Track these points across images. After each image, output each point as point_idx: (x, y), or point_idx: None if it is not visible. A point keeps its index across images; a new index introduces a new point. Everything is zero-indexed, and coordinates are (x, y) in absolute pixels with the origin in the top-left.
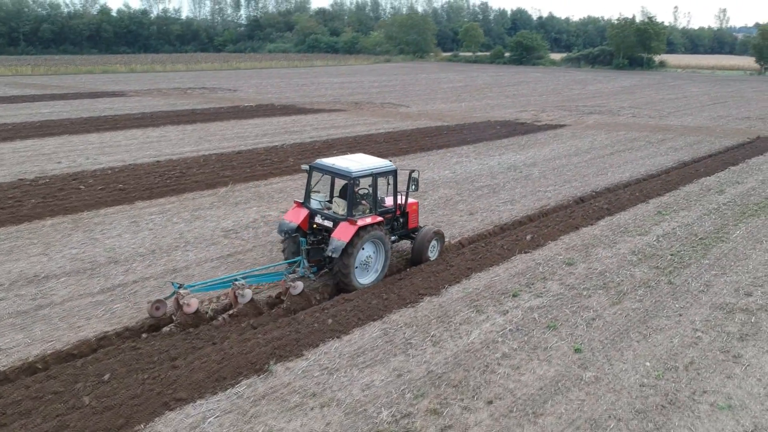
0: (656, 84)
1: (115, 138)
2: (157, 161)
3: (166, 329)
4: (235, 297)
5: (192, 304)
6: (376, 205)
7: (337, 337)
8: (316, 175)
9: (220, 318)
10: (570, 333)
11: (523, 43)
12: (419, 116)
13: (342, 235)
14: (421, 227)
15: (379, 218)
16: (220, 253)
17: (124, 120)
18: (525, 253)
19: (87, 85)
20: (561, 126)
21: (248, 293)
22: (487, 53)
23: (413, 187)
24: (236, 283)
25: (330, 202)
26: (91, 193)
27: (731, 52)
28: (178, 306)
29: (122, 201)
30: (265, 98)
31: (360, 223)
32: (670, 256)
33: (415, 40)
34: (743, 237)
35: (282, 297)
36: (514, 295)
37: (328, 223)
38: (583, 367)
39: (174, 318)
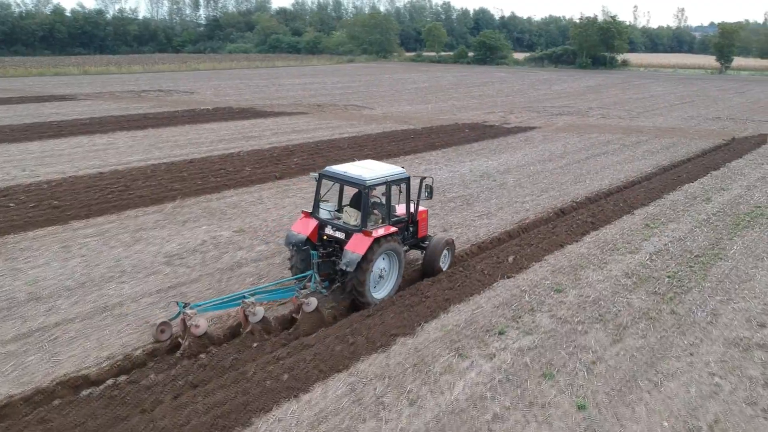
0: (621, 83)
1: (58, 146)
2: (101, 173)
3: (110, 381)
4: (245, 316)
5: (201, 325)
6: (389, 214)
7: (295, 397)
8: (325, 184)
9: (184, 343)
10: (570, 383)
11: (486, 42)
12: (384, 119)
13: (357, 247)
14: (430, 236)
15: (393, 228)
16: (159, 285)
17: (70, 126)
18: (508, 278)
19: (35, 88)
20: (531, 128)
21: (260, 311)
22: (451, 53)
23: (426, 195)
24: (245, 301)
25: (339, 211)
26: (21, 211)
27: (690, 51)
28: (185, 328)
29: (55, 221)
30: (224, 101)
31: (375, 234)
32: (667, 279)
33: (378, 40)
34: (741, 253)
35: (294, 315)
36: (501, 333)
37: (339, 235)
38: (590, 430)
39: (181, 341)
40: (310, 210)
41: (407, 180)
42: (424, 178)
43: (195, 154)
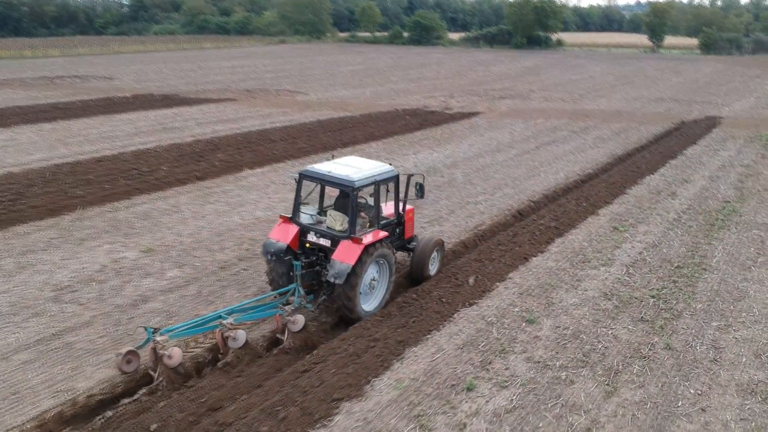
0: (558, 63)
1: None
2: None
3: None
4: (224, 340)
5: (174, 355)
6: (379, 217)
7: None
8: (306, 185)
9: (156, 376)
10: None
11: (421, 23)
12: (319, 105)
13: (346, 256)
14: (416, 236)
15: (383, 233)
16: (41, 332)
17: None
18: (470, 305)
19: None
20: (474, 114)
21: (241, 335)
22: (386, 34)
23: (417, 194)
24: (224, 323)
25: (321, 215)
26: None
27: (620, 30)
28: (156, 358)
29: None
30: (145, 87)
31: (366, 241)
32: (652, 300)
33: (311, 20)
34: (726, 262)
35: (279, 336)
36: (470, 389)
37: (324, 242)
38: None
39: (153, 374)
40: (288, 214)
41: (396, 178)
42: (412, 175)
43: (106, 151)
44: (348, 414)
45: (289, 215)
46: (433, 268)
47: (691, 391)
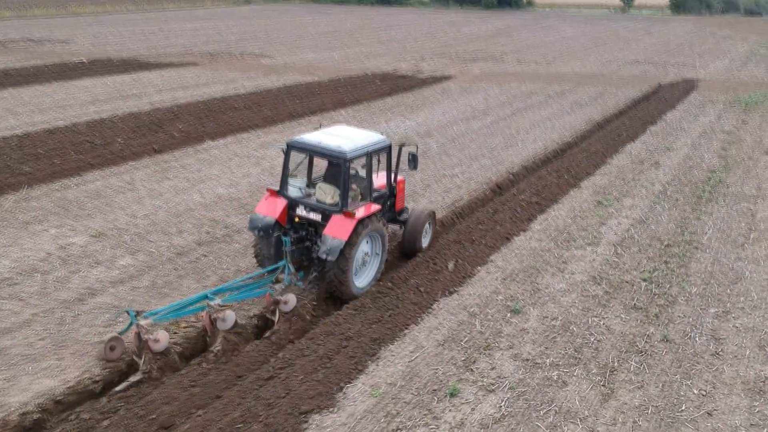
0: (530, 24)
1: None
2: None
3: None
4: (212, 322)
5: (160, 338)
6: (371, 189)
7: None
8: (295, 156)
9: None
10: None
11: None
12: (285, 70)
13: (338, 231)
14: (407, 208)
15: (377, 206)
16: None
17: None
18: (450, 294)
19: None
20: (446, 78)
21: (230, 316)
22: None
23: (411, 165)
24: (211, 303)
25: (309, 187)
26: None
27: None
28: (141, 343)
29: None
30: (103, 51)
31: (359, 215)
32: (644, 284)
33: None
34: (717, 239)
35: (269, 316)
36: (453, 395)
37: (314, 216)
38: None
39: (138, 360)
40: (276, 187)
41: (389, 148)
42: (403, 144)
43: (58, 121)
44: (318, 429)
45: (277, 188)
46: (425, 241)
47: (695, 391)
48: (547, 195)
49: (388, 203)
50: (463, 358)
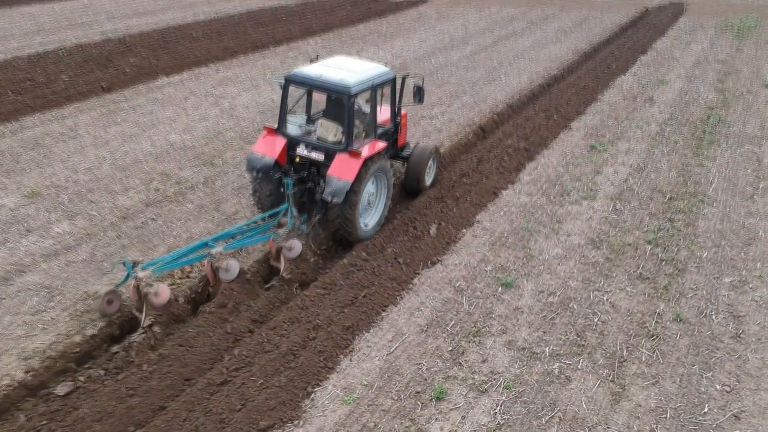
0: None
1: None
2: None
3: None
4: (214, 272)
5: (161, 292)
6: (375, 125)
7: None
8: (294, 92)
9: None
10: None
11: None
12: None
13: (343, 172)
14: (409, 143)
15: (382, 144)
16: None
17: None
18: (432, 264)
19: None
20: (422, 1)
21: (233, 266)
22: None
23: (416, 99)
24: (212, 251)
25: (309, 124)
26: None
27: None
28: (139, 296)
29: None
30: None
31: (364, 154)
32: (649, 247)
33: None
34: (723, 190)
35: (274, 263)
36: (440, 398)
37: (317, 155)
38: None
39: (138, 315)
40: (274, 125)
41: (393, 81)
42: (407, 76)
43: None
44: None
45: (274, 126)
46: (428, 179)
47: (717, 387)
48: (536, 139)
49: (392, 139)
50: (449, 348)
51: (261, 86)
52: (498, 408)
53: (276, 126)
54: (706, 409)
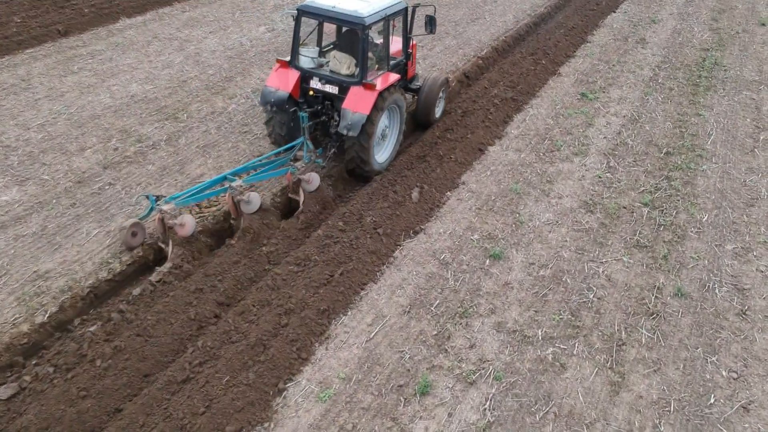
0: None
1: None
2: None
3: None
4: (235, 205)
5: (186, 223)
6: (388, 57)
7: None
8: (306, 24)
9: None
10: None
11: None
12: None
13: (359, 105)
14: (418, 74)
15: (396, 76)
16: None
17: None
18: (415, 234)
19: None
20: None
21: (255, 198)
22: None
23: (428, 29)
24: (233, 185)
25: (321, 57)
26: None
27: None
28: (165, 229)
29: None
30: None
31: (379, 86)
32: (646, 210)
33: None
34: (722, 143)
35: (293, 196)
36: (424, 392)
37: (331, 89)
38: None
39: (163, 247)
40: (285, 58)
41: (405, 11)
42: (418, 5)
43: None
44: None
45: (286, 59)
46: (438, 111)
47: (723, 373)
48: (524, 87)
49: (403, 71)
50: (434, 333)
51: (229, 27)
52: (488, 403)
53: (288, 59)
54: (712, 400)
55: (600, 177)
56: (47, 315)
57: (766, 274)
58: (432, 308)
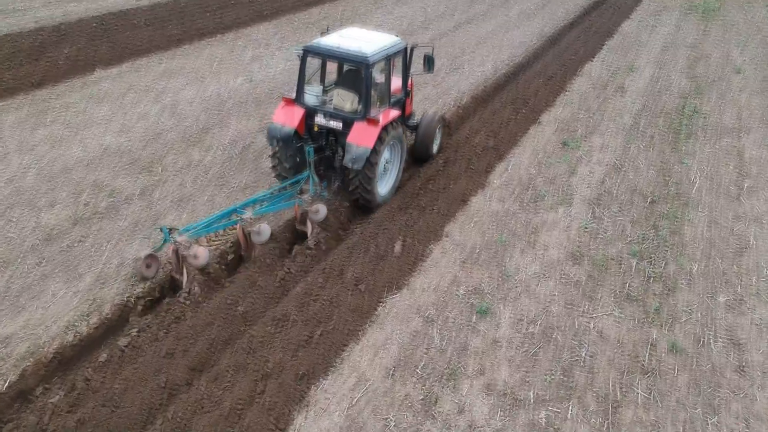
0: None
1: None
2: None
3: None
4: (245, 237)
5: (200, 254)
6: (389, 94)
7: None
8: (311, 62)
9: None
10: None
11: None
12: None
13: (363, 139)
14: (414, 112)
15: (396, 112)
16: None
17: None
18: (398, 289)
19: None
20: None
21: (265, 230)
22: None
23: (427, 68)
24: (243, 217)
25: (324, 94)
26: None
27: None
28: (179, 260)
29: None
30: None
31: (382, 121)
32: (634, 262)
33: None
34: (708, 190)
35: (300, 227)
36: None
37: (335, 124)
38: None
39: (179, 278)
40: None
41: (405, 51)
42: (415, 46)
43: None
44: None
45: (291, 96)
46: (435, 147)
47: None
48: (505, 135)
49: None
50: (420, 397)
51: (207, 78)
52: None
53: (294, 96)
54: None
55: (586, 227)
56: (6, 384)
57: (761, 327)
58: (417, 369)
